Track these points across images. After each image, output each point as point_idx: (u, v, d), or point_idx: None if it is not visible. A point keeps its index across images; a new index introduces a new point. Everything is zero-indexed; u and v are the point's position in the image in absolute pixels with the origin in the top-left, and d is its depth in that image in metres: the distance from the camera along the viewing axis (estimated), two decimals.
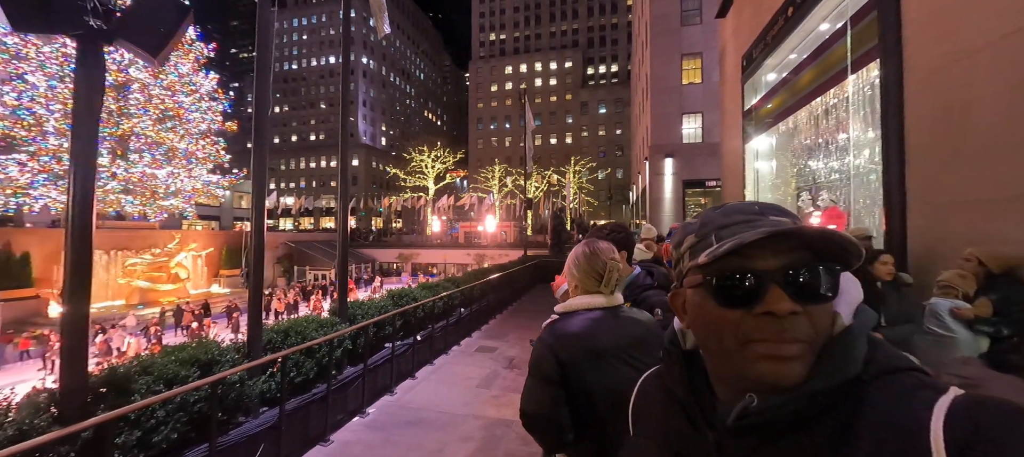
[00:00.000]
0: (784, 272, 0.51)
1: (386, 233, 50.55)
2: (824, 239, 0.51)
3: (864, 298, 0.59)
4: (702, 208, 21.97)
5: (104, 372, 2.58)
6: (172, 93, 26.64)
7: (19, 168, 21.47)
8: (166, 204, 26.96)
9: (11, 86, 21.54)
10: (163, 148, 26.37)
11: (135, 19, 2.34)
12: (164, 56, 2.49)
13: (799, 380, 0.50)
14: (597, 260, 1.47)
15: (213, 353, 3.09)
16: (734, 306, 0.52)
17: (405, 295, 6.11)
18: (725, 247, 0.52)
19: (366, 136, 68.14)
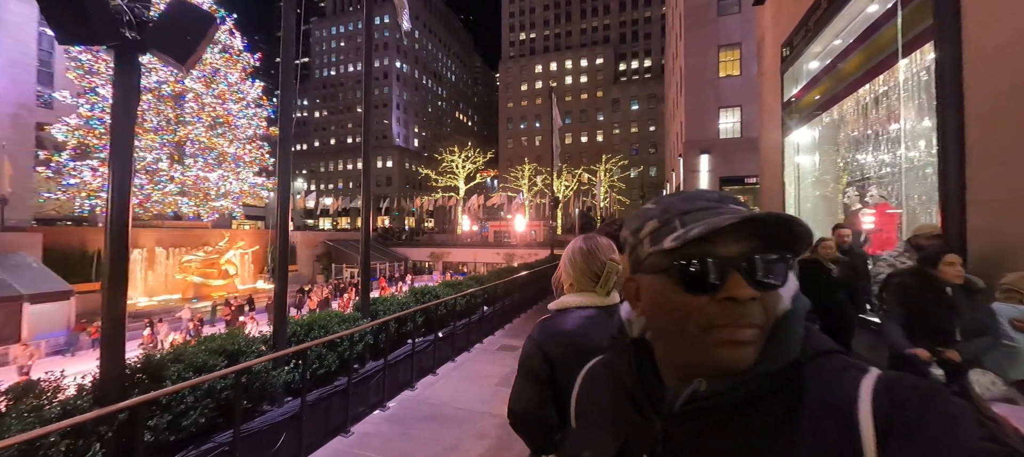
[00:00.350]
0: (745, 259, 0.52)
1: (418, 232, 51.79)
2: (782, 227, 0.52)
3: (934, 305, 0.57)
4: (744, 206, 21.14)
5: (140, 360, 2.78)
6: (222, 101, 28.52)
7: (92, 173, 23.70)
8: (217, 205, 28.90)
9: (85, 99, 23.82)
10: (214, 153, 28.28)
11: (165, 29, 2.50)
12: (192, 63, 2.64)
13: (751, 364, 0.52)
14: (594, 259, 1.42)
15: (240, 344, 3.26)
16: (699, 292, 0.53)
17: (427, 292, 6.20)
18: (695, 231, 0.52)
19: (399, 138, 70.08)
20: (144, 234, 26.63)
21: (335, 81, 73.28)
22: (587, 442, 0.66)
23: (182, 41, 2.54)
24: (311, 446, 3.49)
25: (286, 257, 4.06)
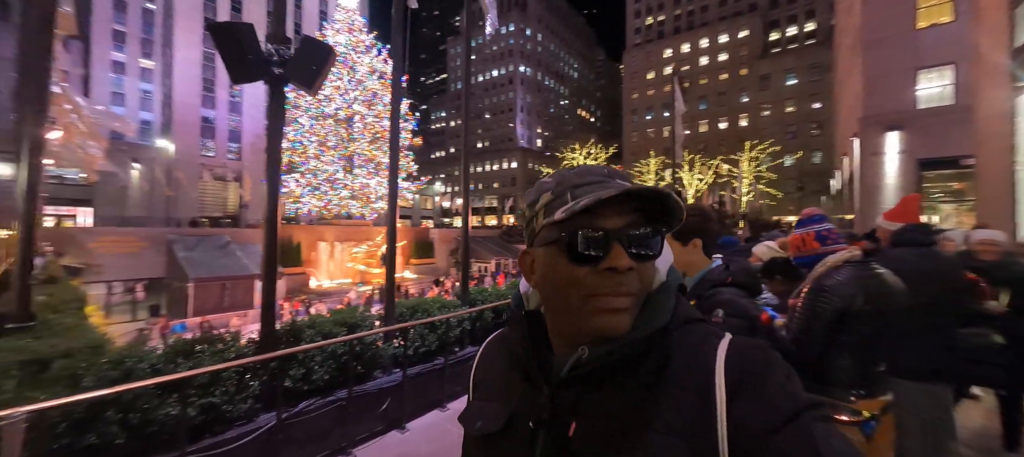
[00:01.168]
0: (625, 231, 0.55)
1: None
2: (659, 201, 0.56)
3: None
4: (954, 195, 15.81)
5: (286, 324, 3.59)
6: (379, 119, 34.14)
7: (295, 183, 30.99)
8: (376, 206, 34.74)
9: (291, 126, 31.20)
10: (374, 163, 34.06)
11: (297, 63, 3.16)
12: (317, 87, 3.29)
13: (626, 329, 0.56)
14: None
15: (357, 318, 3.93)
16: (583, 263, 0.55)
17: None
18: (582, 203, 0.54)
19: (523, 140, 73.10)
20: (327, 231, 33.69)
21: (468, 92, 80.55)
22: (480, 413, 0.67)
23: (309, 71, 3.18)
24: (412, 414, 3.97)
25: (395, 248, 4.70)
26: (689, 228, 1.73)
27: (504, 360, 0.69)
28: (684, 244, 1.74)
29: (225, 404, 2.82)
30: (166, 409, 2.55)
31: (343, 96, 33.23)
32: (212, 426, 2.78)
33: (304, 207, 31.57)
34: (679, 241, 1.75)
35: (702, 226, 1.73)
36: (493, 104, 75.69)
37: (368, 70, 33.44)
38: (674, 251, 1.80)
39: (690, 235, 1.73)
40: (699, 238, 1.72)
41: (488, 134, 76.09)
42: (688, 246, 1.74)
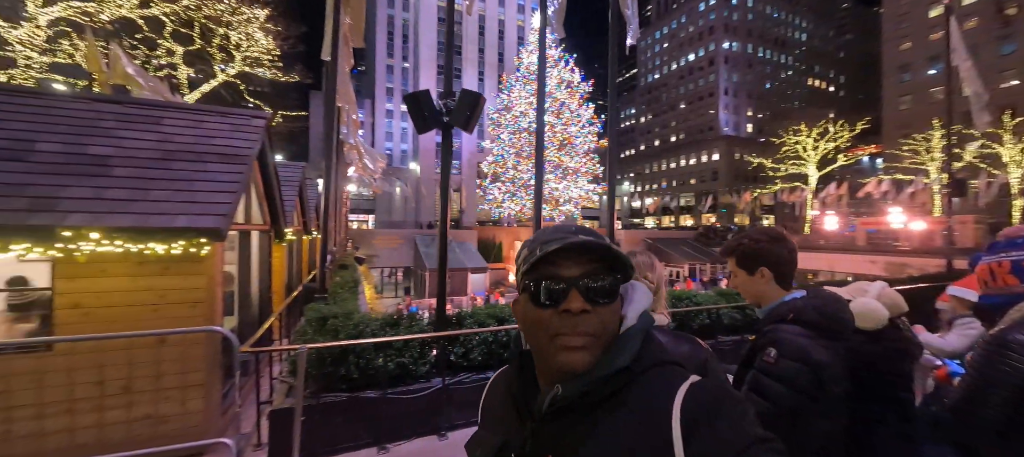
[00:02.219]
0: (581, 279, 0.64)
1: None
2: (607, 253, 0.65)
3: None
4: None
5: (453, 312, 4.59)
6: (566, 126, 36.21)
7: (498, 191, 36.11)
8: (563, 208, 36.94)
9: (495, 143, 36.46)
10: (561, 168, 36.33)
11: (456, 112, 4.07)
12: (471, 127, 4.13)
13: (587, 367, 0.62)
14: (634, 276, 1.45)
15: (505, 313, 4.63)
16: (545, 306, 0.64)
17: (686, 298, 5.86)
18: (534, 257, 0.65)
19: (727, 126, 63.42)
20: (523, 232, 37.97)
21: (658, 84, 75.47)
22: (478, 442, 0.75)
23: (465, 117, 4.05)
24: None
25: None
26: (753, 256, 1.55)
27: (501, 394, 0.78)
28: (750, 273, 1.57)
29: (411, 365, 3.94)
30: (378, 360, 3.79)
31: (534, 109, 36.93)
32: (403, 378, 3.94)
33: (505, 211, 36.64)
34: (744, 270, 1.59)
35: (768, 253, 1.52)
36: (689, 92, 68.44)
37: (557, 82, 35.97)
38: (740, 281, 1.63)
39: (755, 263, 1.55)
40: (767, 267, 1.52)
41: (683, 125, 69.29)
42: (755, 276, 1.56)
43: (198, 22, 20.50)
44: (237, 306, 5.20)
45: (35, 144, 3.60)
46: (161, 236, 3.28)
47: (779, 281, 1.54)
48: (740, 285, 1.64)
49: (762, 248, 1.54)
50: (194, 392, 3.47)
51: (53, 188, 3.28)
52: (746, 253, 1.58)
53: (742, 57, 64.48)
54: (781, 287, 1.54)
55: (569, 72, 36.24)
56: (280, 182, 5.98)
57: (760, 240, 1.56)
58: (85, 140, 3.79)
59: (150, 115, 4.29)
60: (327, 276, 5.80)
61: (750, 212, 48.18)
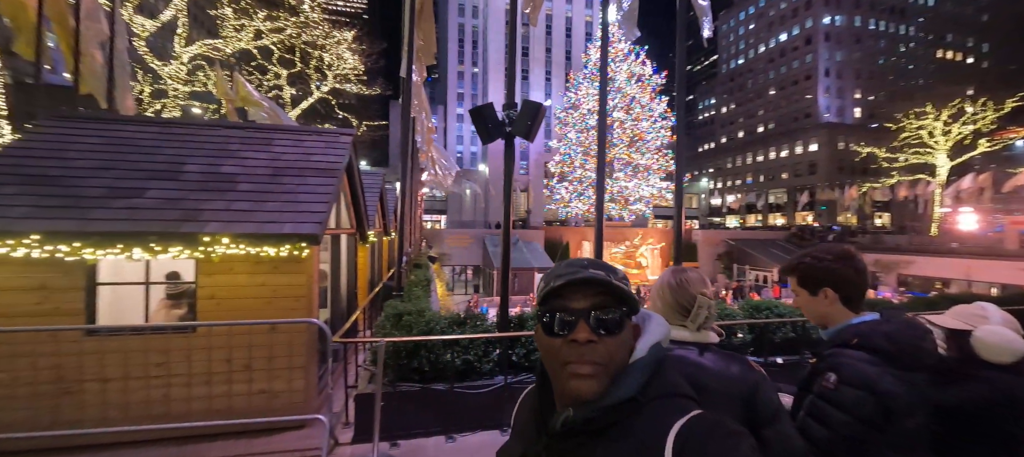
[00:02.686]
0: (588, 311, 0.68)
1: (855, 232, 39.39)
2: (610, 289, 0.70)
3: None
4: None
5: (517, 315, 4.77)
6: (636, 122, 34.78)
7: (565, 190, 35.86)
8: (634, 207, 35.56)
9: (563, 142, 36.21)
10: (631, 165, 34.99)
11: (518, 122, 4.24)
12: (532, 136, 4.27)
13: (595, 396, 0.67)
14: (683, 293, 1.43)
15: None
16: (556, 336, 0.69)
17: (767, 308, 5.39)
18: (546, 290, 0.71)
19: (829, 112, 55.98)
20: (591, 232, 37.26)
21: (743, 69, 69.00)
22: (505, 450, 0.84)
23: (526, 126, 4.20)
24: None
25: (600, 251, 5.19)
26: (815, 276, 1.48)
27: (528, 409, 0.84)
28: (812, 293, 1.50)
29: (475, 362, 4.20)
30: (446, 355, 4.11)
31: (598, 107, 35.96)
32: (469, 374, 4.22)
33: (572, 210, 36.25)
34: (806, 290, 1.52)
35: (832, 273, 1.44)
36: (780, 76, 61.63)
37: (626, 76, 34.65)
38: (802, 301, 1.56)
39: (818, 284, 1.48)
40: (830, 288, 1.45)
41: (773, 114, 62.56)
42: (817, 296, 1.48)
43: (298, 47, 23.38)
44: (330, 300, 5.94)
45: (184, 165, 4.50)
46: (272, 241, 3.91)
47: (845, 302, 1.46)
48: (802, 305, 1.57)
49: (826, 267, 1.47)
50: (297, 373, 4.07)
51: (197, 201, 4.08)
52: (808, 272, 1.52)
53: (847, 32, 56.42)
54: (848, 309, 1.45)
55: (640, 65, 34.71)
56: (364, 189, 6.69)
57: (824, 259, 1.49)
58: (219, 161, 4.63)
59: (265, 137, 5.10)
60: (403, 275, 6.36)
61: (857, 210, 41.96)
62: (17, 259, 3.54)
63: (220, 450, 3.66)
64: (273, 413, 3.94)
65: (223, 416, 3.84)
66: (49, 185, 3.98)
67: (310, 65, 24.42)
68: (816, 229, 43.92)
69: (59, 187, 3.99)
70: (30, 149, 4.41)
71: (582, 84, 35.74)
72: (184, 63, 18.42)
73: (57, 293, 3.74)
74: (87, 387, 3.69)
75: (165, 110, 18.48)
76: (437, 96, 59.40)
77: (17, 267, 3.61)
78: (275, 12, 21.04)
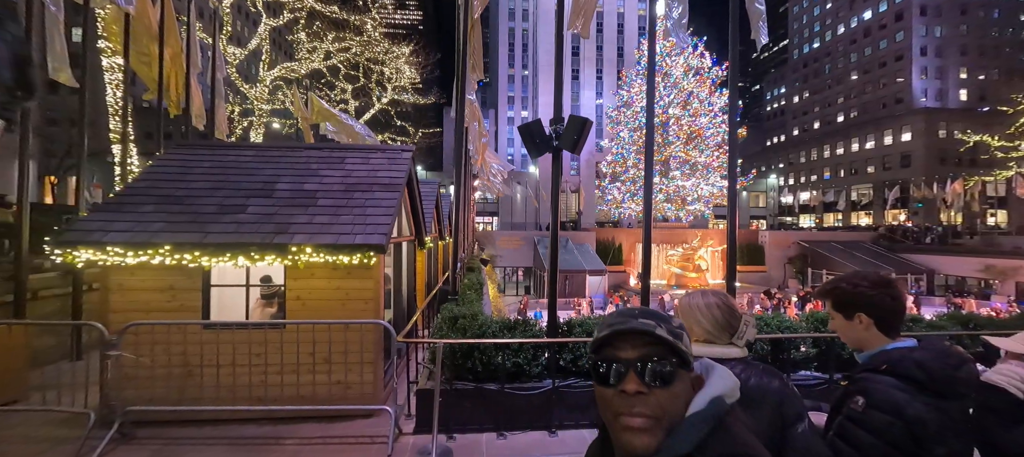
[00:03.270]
0: (637, 361, 0.68)
1: (960, 233, 34.33)
2: (657, 341, 0.69)
3: None
4: None
5: (564, 322, 4.94)
6: (694, 118, 33.13)
7: (617, 191, 35.06)
8: (691, 208, 33.91)
9: (615, 142, 35.44)
10: (689, 164, 33.38)
11: (565, 136, 4.43)
12: (579, 149, 4.43)
13: (648, 450, 0.65)
14: (734, 316, 1.51)
15: None
16: (606, 385, 0.70)
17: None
18: (597, 339, 0.72)
19: (926, 97, 49.32)
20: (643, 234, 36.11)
21: (818, 54, 62.83)
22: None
23: (573, 139, 4.38)
24: None
25: (649, 258, 5.18)
26: (849, 301, 1.53)
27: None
28: (847, 318, 1.55)
29: (525, 365, 4.45)
30: (497, 357, 4.40)
31: (658, 103, 34.63)
32: (519, 376, 4.47)
33: (625, 211, 35.33)
34: (841, 314, 1.58)
35: (866, 299, 1.48)
36: (864, 59, 55.40)
37: (683, 70, 33.10)
38: (837, 325, 1.61)
39: (852, 308, 1.53)
40: (864, 313, 1.49)
41: (855, 101, 56.39)
42: (852, 321, 1.54)
43: (362, 64, 25.26)
44: (393, 301, 6.51)
45: (276, 184, 5.24)
46: (346, 250, 4.45)
47: (881, 328, 1.49)
48: (838, 329, 1.62)
49: (860, 293, 1.51)
50: (367, 368, 4.59)
51: (286, 216, 4.75)
52: (842, 297, 1.56)
53: (950, 3, 49.30)
54: (883, 334, 1.49)
55: (698, 58, 33.04)
56: (421, 198, 7.23)
57: (859, 285, 1.53)
58: (302, 179, 5.33)
59: (339, 157, 5.76)
60: (457, 280, 6.79)
61: (962, 207, 36.49)
62: (154, 265, 4.38)
63: (306, 431, 4.24)
64: (347, 402, 4.48)
65: (308, 402, 4.44)
66: (175, 204, 4.85)
67: (372, 79, 26.29)
68: (909, 229, 38.85)
69: (182, 205, 4.85)
70: (160, 173, 5.38)
71: (635, 81, 34.74)
72: (266, 85, 20.70)
73: (182, 293, 4.56)
74: (205, 371, 4.46)
75: (252, 127, 20.90)
76: (488, 100, 60.73)
77: (154, 272, 4.46)
78: (342, 33, 22.90)
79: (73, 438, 3.91)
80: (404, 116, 34.04)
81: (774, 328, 4.87)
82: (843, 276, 1.61)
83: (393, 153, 5.93)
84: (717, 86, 33.57)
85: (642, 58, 35.26)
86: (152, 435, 4.13)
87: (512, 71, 58.38)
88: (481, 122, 11.97)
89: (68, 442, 3.93)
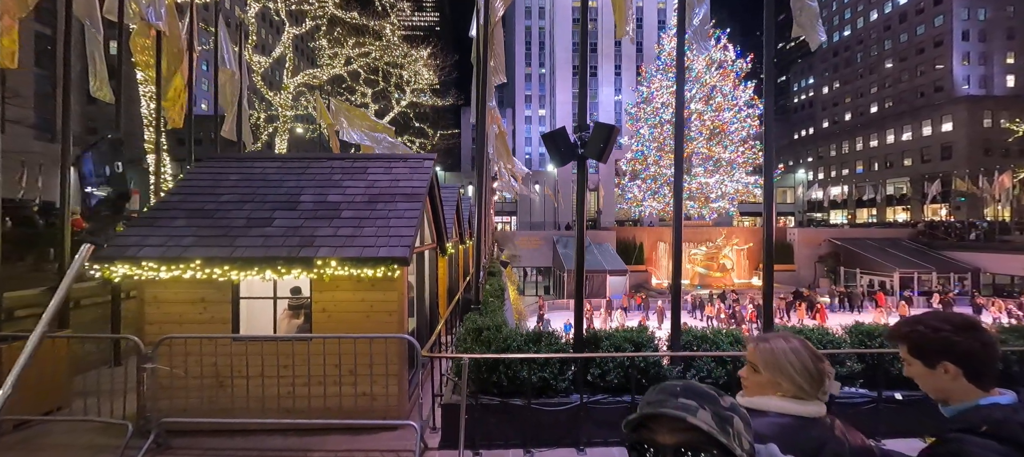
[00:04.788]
0: (675, 449, 0.66)
1: (1008, 228, 32.22)
2: (692, 429, 0.66)
3: None
4: None
5: (590, 333, 4.80)
6: (718, 113, 32.16)
7: (638, 189, 34.39)
8: (715, 206, 32.97)
9: (635, 139, 34.68)
10: (712, 160, 32.46)
11: (590, 144, 4.28)
12: (605, 157, 4.28)
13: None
14: (819, 360, 1.33)
15: (644, 339, 4.60)
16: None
17: (881, 334, 4.73)
18: (627, 422, 0.71)
19: (969, 84, 46.55)
20: (667, 232, 35.26)
21: (849, 42, 60.13)
22: None
23: (598, 147, 4.23)
24: None
25: (679, 278, 4.98)
26: (931, 348, 1.35)
27: None
28: (929, 366, 1.37)
29: (551, 379, 4.34)
30: (523, 372, 4.30)
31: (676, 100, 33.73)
32: (545, 391, 4.36)
33: (645, 209, 34.65)
34: (921, 361, 1.40)
35: (952, 346, 1.30)
36: (900, 46, 52.72)
37: (705, 64, 32.16)
38: (916, 372, 1.43)
39: (935, 356, 1.34)
40: (950, 362, 1.31)
41: (891, 90, 53.72)
42: (935, 370, 1.35)
43: (381, 68, 25.59)
44: (416, 309, 6.50)
45: (300, 196, 5.29)
46: (370, 263, 4.44)
47: (971, 378, 1.31)
48: (916, 377, 1.43)
49: (943, 338, 1.32)
50: (392, 380, 4.57)
51: (312, 229, 4.78)
52: (921, 342, 1.37)
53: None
54: (974, 386, 1.31)
55: (721, 51, 32.05)
56: (442, 204, 7.19)
57: (941, 329, 1.34)
58: (326, 190, 5.36)
59: (361, 167, 5.77)
60: (480, 288, 6.73)
61: (1012, 201, 34.19)
62: (186, 279, 4.48)
63: (333, 444, 4.26)
64: (373, 414, 4.48)
65: (334, 414, 4.46)
66: (205, 218, 4.95)
67: (391, 82, 26.60)
68: (952, 225, 36.69)
69: (212, 219, 4.94)
70: (191, 186, 5.51)
71: (655, 77, 34.01)
72: (290, 92, 21.20)
73: (213, 305, 4.64)
74: (235, 382, 4.53)
75: (277, 133, 21.45)
76: (505, 99, 60.66)
77: (185, 285, 4.55)
78: (362, 39, 23.25)
79: (113, 447, 4.03)
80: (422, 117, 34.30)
81: (815, 343, 4.60)
82: (920, 318, 1.42)
83: (415, 162, 5.91)
84: (741, 79, 32.51)
85: (662, 53, 34.39)
86: (186, 445, 4.22)
87: (529, 70, 58.11)
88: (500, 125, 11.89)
89: (108, 450, 4.06)
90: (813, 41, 5.17)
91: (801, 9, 5.12)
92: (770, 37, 5.27)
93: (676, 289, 4.90)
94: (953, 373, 1.32)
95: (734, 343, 4.59)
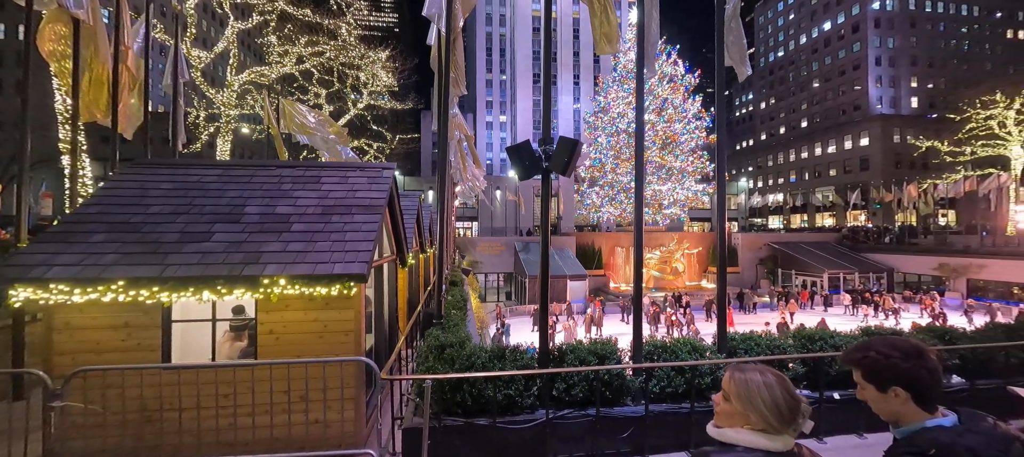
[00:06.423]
0: None
1: (915, 233, 36.40)
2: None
3: None
4: None
5: (555, 348, 4.79)
6: (669, 124, 33.84)
7: (595, 196, 35.32)
8: (668, 212, 34.54)
9: (594, 147, 35.69)
10: (665, 168, 34.03)
11: (554, 158, 4.28)
12: (569, 171, 4.30)
13: None
14: (795, 399, 1.32)
15: (607, 351, 4.66)
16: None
17: (821, 339, 5.11)
18: None
19: (882, 104, 52.29)
20: (624, 237, 36.55)
21: (783, 62, 65.70)
22: None
23: (562, 161, 4.24)
24: (653, 448, 4.33)
25: (640, 282, 5.11)
26: (882, 374, 1.42)
27: None
28: (880, 391, 1.44)
29: (517, 397, 4.27)
30: (487, 390, 4.20)
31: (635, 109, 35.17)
32: (511, 409, 4.28)
33: (603, 215, 35.70)
34: (873, 385, 1.46)
35: (901, 372, 1.37)
36: (825, 67, 58.27)
37: (657, 77, 33.80)
38: (870, 396, 1.50)
39: (886, 382, 1.41)
40: (900, 387, 1.38)
41: (819, 107, 59.15)
42: (886, 394, 1.42)
43: (336, 68, 24.54)
44: (374, 325, 6.19)
45: (244, 207, 4.87)
46: (324, 281, 4.15)
47: (919, 402, 1.39)
48: (869, 400, 1.50)
49: (893, 365, 1.39)
50: (348, 404, 4.29)
51: (257, 244, 4.40)
52: (873, 368, 1.44)
53: (901, 16, 52.56)
54: (921, 409, 1.39)
55: (671, 65, 33.85)
56: (403, 214, 6.94)
57: (891, 355, 1.41)
58: (274, 201, 4.97)
59: (314, 175, 5.42)
60: (442, 301, 6.54)
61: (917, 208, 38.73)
62: (105, 302, 3.96)
63: None
64: (327, 444, 4.17)
65: (282, 446, 4.11)
66: (131, 232, 4.42)
67: (347, 84, 25.57)
68: (870, 229, 40.96)
69: (139, 233, 4.42)
70: (114, 196, 4.91)
71: (611, 88, 35.21)
72: (234, 89, 19.77)
73: (139, 330, 4.14)
74: (166, 416, 4.05)
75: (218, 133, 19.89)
76: (466, 104, 60.35)
77: (105, 308, 4.03)
78: (315, 37, 22.18)
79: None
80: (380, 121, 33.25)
81: (764, 348, 4.87)
82: (871, 343, 1.49)
83: (374, 171, 5.65)
84: (690, 92, 34.46)
85: (618, 65, 35.74)
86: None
87: (490, 76, 58.26)
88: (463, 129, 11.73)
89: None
90: (741, 73, 5.59)
91: (733, 43, 5.48)
92: (720, 57, 5.59)
93: (637, 301, 5.01)
94: (903, 397, 1.39)
95: (692, 352, 4.75)
